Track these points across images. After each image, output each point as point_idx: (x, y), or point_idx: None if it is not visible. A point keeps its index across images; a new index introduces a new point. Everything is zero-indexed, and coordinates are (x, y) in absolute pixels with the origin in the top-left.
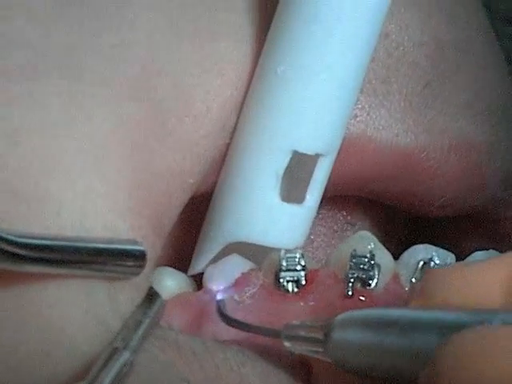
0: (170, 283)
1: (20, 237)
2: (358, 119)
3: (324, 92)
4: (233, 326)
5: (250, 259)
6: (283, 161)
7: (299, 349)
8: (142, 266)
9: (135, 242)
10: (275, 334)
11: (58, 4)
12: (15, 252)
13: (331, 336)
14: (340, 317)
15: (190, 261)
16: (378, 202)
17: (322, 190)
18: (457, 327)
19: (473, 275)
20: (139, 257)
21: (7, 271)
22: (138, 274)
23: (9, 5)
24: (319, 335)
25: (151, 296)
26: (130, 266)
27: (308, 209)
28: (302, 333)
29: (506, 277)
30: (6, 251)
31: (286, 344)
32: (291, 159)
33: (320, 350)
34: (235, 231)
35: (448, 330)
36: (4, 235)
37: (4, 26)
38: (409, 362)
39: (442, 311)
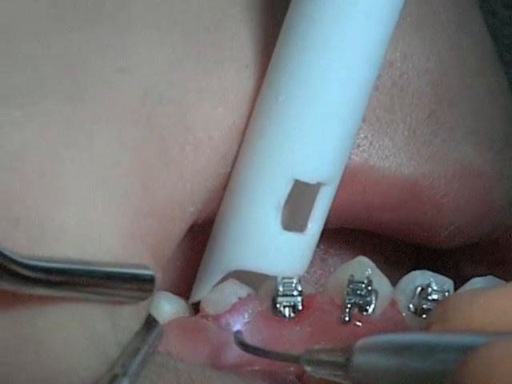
0: (167, 307)
1: (31, 259)
2: (360, 148)
3: (325, 121)
4: (251, 353)
5: (247, 284)
6: (284, 189)
7: (320, 372)
8: (150, 291)
9: (145, 267)
10: (295, 359)
11: (60, 27)
12: (25, 274)
13: (352, 360)
14: (361, 341)
15: (189, 287)
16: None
17: (324, 218)
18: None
19: (496, 300)
20: (148, 281)
21: (8, 294)
22: (145, 298)
23: (10, 26)
24: (340, 359)
25: (150, 323)
26: (138, 291)
27: (310, 237)
28: (323, 357)
29: None
30: (16, 272)
31: (307, 368)
32: (293, 188)
33: (341, 373)
34: (237, 259)
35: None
36: (14, 256)
37: (5, 47)
38: None
39: (463, 333)
